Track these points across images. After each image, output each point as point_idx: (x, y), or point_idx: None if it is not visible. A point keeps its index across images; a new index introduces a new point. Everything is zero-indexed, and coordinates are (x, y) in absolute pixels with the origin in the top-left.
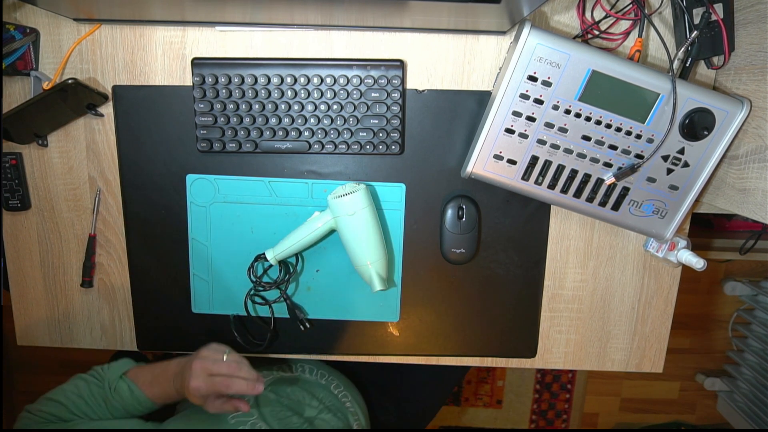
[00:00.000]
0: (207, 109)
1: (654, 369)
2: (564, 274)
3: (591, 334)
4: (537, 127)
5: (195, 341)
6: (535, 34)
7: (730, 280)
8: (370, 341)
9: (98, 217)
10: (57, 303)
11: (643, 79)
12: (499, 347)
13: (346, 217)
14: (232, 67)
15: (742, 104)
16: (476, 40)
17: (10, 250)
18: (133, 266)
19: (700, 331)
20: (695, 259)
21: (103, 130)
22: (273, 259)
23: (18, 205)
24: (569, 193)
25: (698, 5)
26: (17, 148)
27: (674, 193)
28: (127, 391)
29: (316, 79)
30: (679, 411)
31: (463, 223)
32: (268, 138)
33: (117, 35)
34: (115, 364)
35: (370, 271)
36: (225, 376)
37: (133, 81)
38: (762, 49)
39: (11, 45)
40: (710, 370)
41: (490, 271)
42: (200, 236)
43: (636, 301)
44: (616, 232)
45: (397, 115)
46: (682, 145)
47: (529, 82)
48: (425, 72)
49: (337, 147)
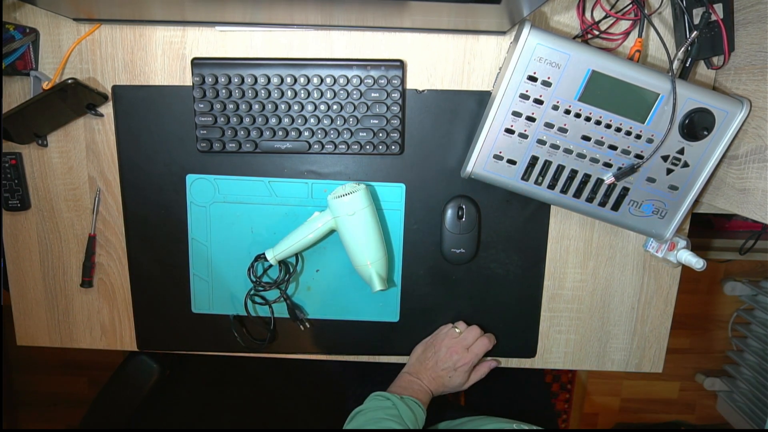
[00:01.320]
0: (207, 109)
1: (654, 369)
2: (564, 274)
3: (591, 334)
4: (537, 127)
5: (195, 341)
6: (535, 34)
7: (729, 280)
8: (370, 341)
9: (98, 217)
10: (57, 303)
11: (643, 79)
12: (499, 347)
13: (346, 217)
14: (232, 67)
15: (742, 104)
16: (476, 40)
17: (10, 250)
18: (133, 266)
19: (700, 331)
20: (695, 259)
21: (103, 130)
22: (273, 259)
23: (18, 205)
24: (569, 193)
25: (698, 5)
26: (17, 148)
27: (674, 193)
28: (415, 405)
29: (316, 79)
30: (679, 411)
31: (463, 223)
32: (268, 138)
33: (117, 35)
34: (379, 393)
35: (370, 271)
36: (477, 341)
37: (133, 81)
38: (762, 49)
39: (11, 45)
40: (710, 370)
41: (490, 271)
42: (200, 236)
43: (636, 301)
44: (616, 232)
45: (397, 115)
46: (681, 145)
47: (529, 82)
48: (425, 72)
49: (337, 147)
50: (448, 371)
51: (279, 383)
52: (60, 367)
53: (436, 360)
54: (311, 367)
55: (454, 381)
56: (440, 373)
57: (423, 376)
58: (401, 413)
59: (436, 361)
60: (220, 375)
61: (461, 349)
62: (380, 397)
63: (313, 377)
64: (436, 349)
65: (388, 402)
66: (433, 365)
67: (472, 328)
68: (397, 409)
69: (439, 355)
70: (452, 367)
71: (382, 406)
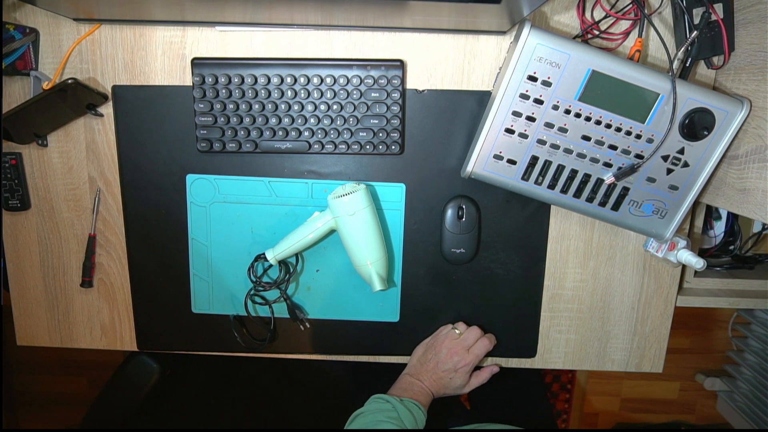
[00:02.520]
0: (207, 109)
1: (654, 369)
2: (564, 274)
3: (591, 334)
4: (537, 127)
5: (195, 341)
6: (535, 34)
7: None
8: (370, 341)
9: (98, 217)
10: (57, 303)
11: (643, 79)
12: (499, 347)
13: (346, 217)
14: (232, 67)
15: (742, 104)
16: (476, 40)
17: (10, 250)
18: (133, 266)
19: (700, 331)
20: (695, 259)
21: (103, 130)
22: (273, 259)
23: (18, 205)
24: (569, 193)
25: (698, 5)
26: (17, 148)
27: (674, 193)
28: (415, 407)
29: (316, 79)
30: (679, 411)
31: (463, 223)
32: (268, 138)
33: (117, 35)
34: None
35: (370, 271)
36: (477, 342)
37: (133, 81)
38: (762, 49)
39: (11, 45)
40: (710, 370)
41: (490, 271)
42: (200, 236)
43: (636, 301)
44: (616, 232)
45: (397, 115)
46: (682, 145)
47: (529, 82)
48: (425, 72)
49: (337, 147)
50: (449, 372)
51: (279, 383)
52: (60, 367)
53: (437, 361)
54: (311, 367)
55: (455, 382)
56: (441, 375)
57: (424, 378)
58: (401, 416)
59: (437, 363)
60: (220, 375)
61: (462, 350)
62: (380, 399)
63: (313, 377)
64: (437, 351)
65: (388, 404)
66: (434, 366)
67: (473, 329)
68: (396, 411)
69: (439, 357)
70: (453, 368)
71: (382, 409)
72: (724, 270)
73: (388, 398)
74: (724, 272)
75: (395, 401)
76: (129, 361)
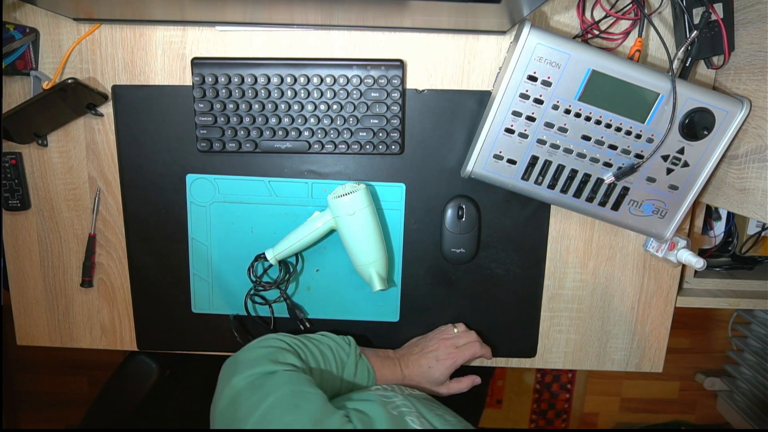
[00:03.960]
0: (207, 109)
1: (654, 369)
2: (564, 274)
3: (591, 334)
4: (537, 127)
5: (195, 341)
6: (535, 33)
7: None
8: (370, 341)
9: (98, 217)
10: (57, 303)
11: (643, 78)
12: (499, 347)
13: (346, 217)
14: (232, 67)
15: (742, 104)
16: (476, 40)
17: (10, 250)
18: (133, 266)
19: (700, 331)
20: (695, 258)
21: (103, 130)
22: (273, 258)
23: (18, 204)
24: (569, 192)
25: (698, 5)
26: (17, 148)
27: (674, 193)
28: (365, 371)
29: (316, 79)
30: (679, 411)
31: (463, 223)
32: (268, 138)
33: (117, 35)
34: (352, 340)
35: (370, 271)
36: (468, 344)
37: (132, 81)
38: (762, 49)
39: (11, 45)
40: (710, 369)
41: (490, 271)
42: (200, 236)
43: (636, 301)
44: (616, 232)
45: (397, 115)
46: (681, 144)
47: (529, 82)
48: (425, 72)
49: (337, 147)
50: (430, 360)
51: None
52: (60, 367)
53: (423, 346)
54: None
55: (433, 373)
56: (422, 361)
57: (404, 361)
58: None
59: (422, 348)
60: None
61: (450, 345)
62: (344, 341)
63: None
64: (428, 339)
65: (343, 353)
66: (419, 351)
67: (470, 332)
68: (342, 353)
69: (427, 343)
70: (435, 357)
71: (333, 347)
72: (724, 270)
73: (351, 351)
74: (724, 272)
75: (354, 356)
76: (129, 361)
